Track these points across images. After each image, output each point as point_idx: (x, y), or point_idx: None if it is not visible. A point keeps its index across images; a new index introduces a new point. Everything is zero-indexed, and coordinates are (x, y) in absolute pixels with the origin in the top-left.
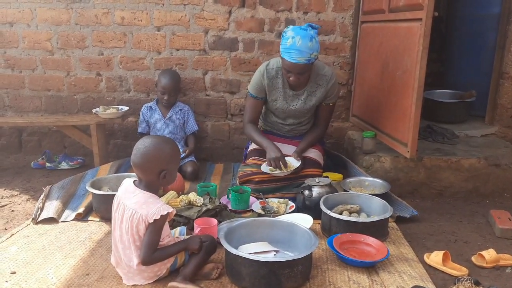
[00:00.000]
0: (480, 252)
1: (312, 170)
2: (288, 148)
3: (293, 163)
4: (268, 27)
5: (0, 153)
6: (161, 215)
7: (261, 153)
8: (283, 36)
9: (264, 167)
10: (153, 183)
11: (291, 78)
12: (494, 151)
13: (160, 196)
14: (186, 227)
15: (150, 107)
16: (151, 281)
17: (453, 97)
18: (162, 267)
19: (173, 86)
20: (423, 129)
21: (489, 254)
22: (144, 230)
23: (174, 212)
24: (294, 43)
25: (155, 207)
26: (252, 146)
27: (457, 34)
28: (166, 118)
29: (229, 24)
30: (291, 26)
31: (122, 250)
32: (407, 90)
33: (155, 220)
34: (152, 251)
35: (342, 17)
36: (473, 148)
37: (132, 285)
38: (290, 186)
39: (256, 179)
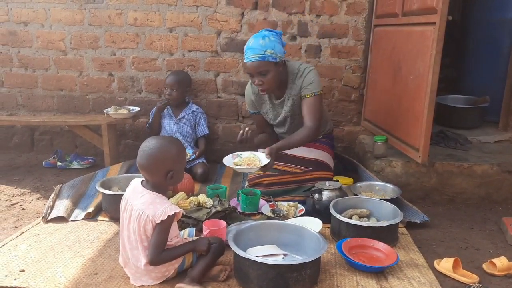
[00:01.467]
0: (492, 260)
1: (321, 173)
2: (310, 153)
3: (261, 158)
4: (280, 30)
5: (12, 152)
6: (168, 216)
7: None
8: None
9: (228, 160)
10: (161, 184)
11: (255, 82)
12: (508, 157)
13: (169, 197)
14: (195, 228)
15: None
16: (159, 282)
17: (467, 102)
18: (170, 268)
19: (177, 81)
20: (436, 134)
21: (501, 262)
22: (152, 231)
23: (182, 212)
24: (247, 44)
25: (162, 207)
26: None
27: (471, 39)
28: (178, 118)
29: (241, 26)
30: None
31: (130, 250)
32: (420, 94)
33: (162, 220)
34: (159, 251)
35: (355, 21)
36: (486, 154)
37: (139, 286)
38: (300, 189)
39: (265, 182)
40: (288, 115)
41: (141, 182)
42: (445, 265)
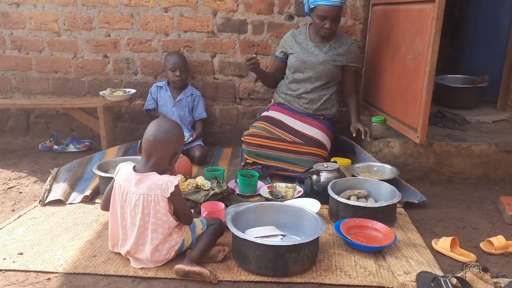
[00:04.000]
0: (489, 239)
1: (316, 149)
2: (307, 129)
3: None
4: (277, 9)
5: (8, 135)
6: (175, 185)
7: (271, 120)
8: None
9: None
10: (162, 165)
11: (326, 26)
12: (506, 137)
13: None
14: (193, 210)
15: (161, 86)
16: (159, 265)
17: (465, 82)
18: (170, 250)
19: (182, 61)
20: (434, 114)
21: (498, 240)
22: (166, 208)
23: (179, 179)
24: None
25: (163, 181)
26: (265, 113)
27: (471, 18)
28: (176, 100)
29: (238, 5)
30: None
31: (136, 236)
32: (418, 74)
33: (172, 192)
34: (190, 212)
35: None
36: (484, 134)
37: (140, 268)
38: (292, 160)
39: (258, 142)
40: (319, 59)
41: (133, 167)
42: (443, 244)
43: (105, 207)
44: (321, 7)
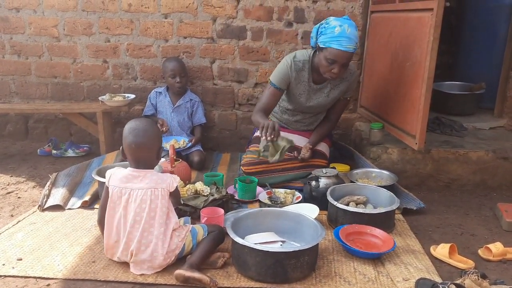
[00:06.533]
0: (487, 245)
1: (316, 160)
2: (296, 138)
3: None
4: (276, 16)
5: (6, 140)
6: (177, 181)
7: None
8: (325, 26)
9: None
10: (151, 162)
11: (334, 70)
12: (503, 144)
13: None
14: (190, 216)
15: (160, 92)
16: (159, 270)
17: (462, 89)
18: (171, 254)
19: (181, 67)
20: (432, 121)
21: (496, 247)
22: (167, 202)
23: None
24: (343, 30)
25: (168, 178)
26: (258, 133)
27: (467, 25)
28: (175, 106)
29: (237, 12)
30: (331, 17)
31: (140, 234)
32: (417, 81)
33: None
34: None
35: (352, 7)
36: (482, 141)
37: (140, 274)
38: (296, 176)
39: (259, 170)
40: (320, 102)
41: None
42: (441, 251)
43: (102, 221)
44: (332, 51)
